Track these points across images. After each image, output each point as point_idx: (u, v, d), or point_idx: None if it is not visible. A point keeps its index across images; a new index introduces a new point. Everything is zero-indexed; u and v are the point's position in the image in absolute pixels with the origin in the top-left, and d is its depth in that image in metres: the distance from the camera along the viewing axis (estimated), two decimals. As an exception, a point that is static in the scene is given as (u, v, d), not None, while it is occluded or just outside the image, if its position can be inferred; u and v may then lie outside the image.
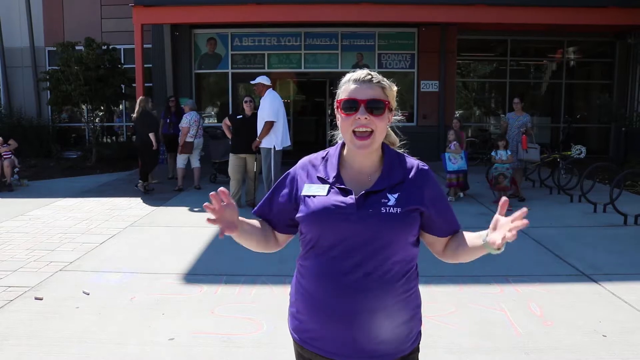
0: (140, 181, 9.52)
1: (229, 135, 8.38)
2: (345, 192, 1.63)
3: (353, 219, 1.58)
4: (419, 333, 1.74)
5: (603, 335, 3.70)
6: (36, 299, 4.39)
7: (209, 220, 1.56)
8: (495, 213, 1.53)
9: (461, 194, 8.83)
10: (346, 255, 1.59)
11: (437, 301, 4.28)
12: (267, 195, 1.82)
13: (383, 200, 1.60)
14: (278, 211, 1.77)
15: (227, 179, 8.66)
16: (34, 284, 4.74)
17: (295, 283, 1.74)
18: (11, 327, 3.85)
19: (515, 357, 3.41)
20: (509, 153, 8.33)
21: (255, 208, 1.83)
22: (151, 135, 9.25)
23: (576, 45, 15.15)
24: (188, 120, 9.58)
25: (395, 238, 1.59)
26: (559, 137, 14.63)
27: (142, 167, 9.72)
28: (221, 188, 1.57)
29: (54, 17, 14.72)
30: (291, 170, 1.80)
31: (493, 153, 8.48)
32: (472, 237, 1.63)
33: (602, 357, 3.40)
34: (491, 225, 1.51)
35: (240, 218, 1.66)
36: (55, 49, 13.15)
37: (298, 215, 1.68)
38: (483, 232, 1.56)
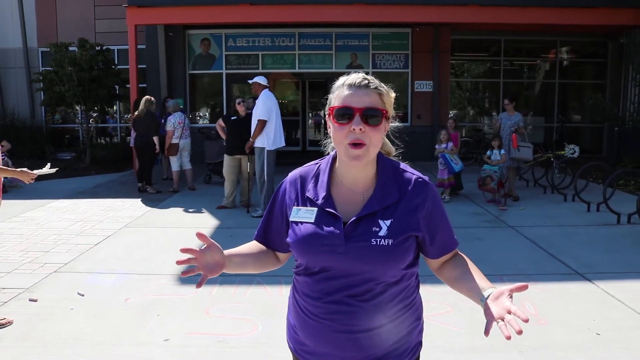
0: (146, 185, 9.52)
1: (223, 137, 8.38)
2: (333, 218, 1.52)
3: (340, 250, 1.48)
4: (419, 344, 1.68)
5: (597, 334, 3.72)
6: (31, 300, 4.38)
7: (184, 273, 1.50)
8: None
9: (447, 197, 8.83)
10: (335, 279, 1.52)
11: (432, 301, 4.29)
12: (262, 219, 1.75)
13: (374, 229, 1.48)
14: (275, 235, 1.71)
15: (221, 180, 8.66)
16: (28, 285, 4.73)
17: (291, 294, 1.70)
18: (6, 328, 3.83)
19: (509, 355, 3.43)
20: (503, 152, 8.37)
21: (255, 233, 1.77)
22: (155, 139, 9.22)
23: (569, 45, 15.23)
24: (172, 123, 9.55)
25: (387, 268, 1.50)
26: (552, 136, 14.71)
27: (140, 169, 9.71)
28: (197, 231, 1.51)
29: (47, 18, 14.67)
30: (281, 186, 1.70)
31: (488, 152, 8.54)
32: (472, 286, 1.52)
33: (596, 355, 3.42)
34: (495, 293, 1.41)
35: (228, 252, 1.59)
36: (48, 49, 13.10)
37: (287, 240, 1.61)
38: (485, 288, 1.46)
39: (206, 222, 7.13)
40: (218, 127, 8.43)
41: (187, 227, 6.92)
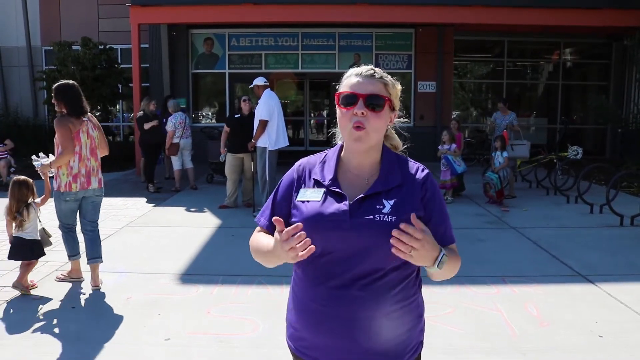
0: (148, 184, 9.58)
1: (222, 150, 8.28)
2: (339, 197, 1.57)
3: (345, 226, 1.52)
4: (420, 343, 1.68)
5: (599, 336, 3.70)
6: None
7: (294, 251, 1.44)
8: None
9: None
10: (337, 262, 1.53)
11: (434, 301, 4.28)
12: (267, 207, 1.73)
13: (378, 207, 1.53)
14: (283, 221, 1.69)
15: (223, 179, 8.65)
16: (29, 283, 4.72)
17: (291, 290, 1.70)
18: (7, 327, 3.84)
19: (511, 357, 3.41)
20: (506, 155, 8.37)
21: (259, 218, 1.74)
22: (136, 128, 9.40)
23: (573, 46, 15.20)
24: (173, 123, 9.59)
25: (390, 246, 1.46)
26: (555, 138, 14.68)
27: (145, 168, 9.85)
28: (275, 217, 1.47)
29: (51, 17, 14.70)
30: (287, 174, 1.73)
31: (493, 154, 8.58)
32: None
33: (599, 358, 3.41)
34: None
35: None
36: (51, 48, 13.13)
37: (292, 220, 1.60)
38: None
39: (208, 221, 7.12)
40: (224, 134, 8.35)
41: (188, 226, 6.92)
